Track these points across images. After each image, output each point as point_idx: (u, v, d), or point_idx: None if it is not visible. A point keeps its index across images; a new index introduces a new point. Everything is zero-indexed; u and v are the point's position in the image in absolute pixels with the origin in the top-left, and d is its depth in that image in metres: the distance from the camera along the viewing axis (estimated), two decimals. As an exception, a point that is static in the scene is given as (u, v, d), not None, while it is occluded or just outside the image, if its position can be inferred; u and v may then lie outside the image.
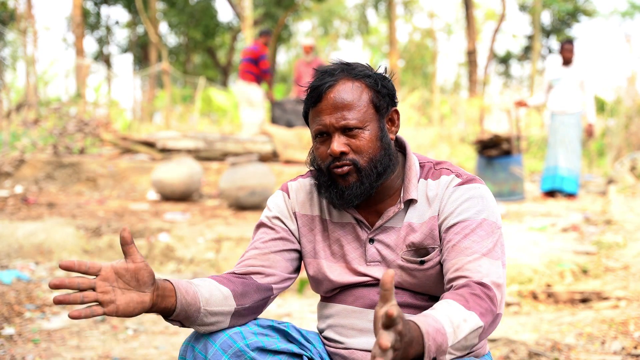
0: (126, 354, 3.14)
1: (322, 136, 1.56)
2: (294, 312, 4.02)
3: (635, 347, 2.87)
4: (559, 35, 25.23)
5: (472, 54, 20.84)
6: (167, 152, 8.56)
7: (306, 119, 1.61)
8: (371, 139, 1.53)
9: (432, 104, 17.15)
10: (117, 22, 27.25)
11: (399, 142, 1.66)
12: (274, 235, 1.66)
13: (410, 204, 1.60)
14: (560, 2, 23.21)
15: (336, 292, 1.65)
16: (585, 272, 4.40)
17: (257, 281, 1.62)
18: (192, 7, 23.74)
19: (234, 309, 1.55)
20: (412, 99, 16.35)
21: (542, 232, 5.49)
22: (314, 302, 4.21)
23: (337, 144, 1.52)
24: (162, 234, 5.38)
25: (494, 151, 7.73)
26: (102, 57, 26.34)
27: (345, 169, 1.53)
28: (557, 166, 7.55)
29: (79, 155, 8.94)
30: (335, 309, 1.65)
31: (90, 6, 24.93)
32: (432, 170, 1.62)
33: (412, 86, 22.32)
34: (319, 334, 1.71)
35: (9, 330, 3.37)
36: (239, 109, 10.94)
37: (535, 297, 4.09)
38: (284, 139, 9.02)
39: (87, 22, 24.60)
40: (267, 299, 1.63)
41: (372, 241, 1.61)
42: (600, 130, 12.55)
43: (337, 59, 1.63)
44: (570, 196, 7.55)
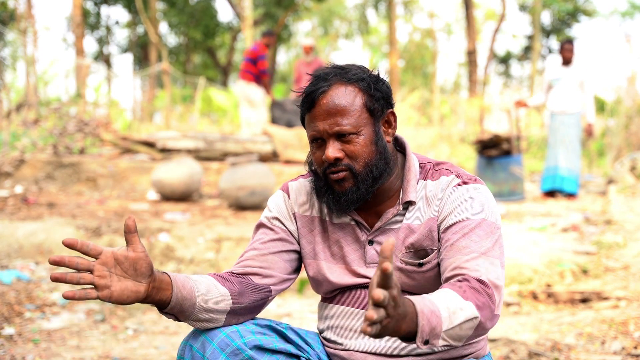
0: (126, 354, 3.14)
1: (317, 141, 1.56)
2: (294, 312, 4.02)
3: (635, 347, 2.87)
4: (559, 35, 25.23)
5: (472, 54, 20.84)
6: (167, 152, 8.56)
7: (303, 123, 1.61)
8: (366, 143, 1.53)
9: (432, 104, 17.15)
10: (117, 22, 27.25)
11: (399, 142, 1.65)
12: (273, 236, 1.66)
13: (409, 205, 1.59)
14: (560, 2, 23.21)
15: (336, 294, 1.65)
16: (585, 272, 4.40)
17: (255, 282, 1.62)
18: (192, 7, 23.74)
19: (229, 307, 1.55)
20: (412, 99, 16.35)
21: (542, 232, 5.49)
22: (314, 302, 4.21)
23: (332, 149, 1.52)
24: (162, 234, 5.39)
25: (494, 151, 7.73)
26: (102, 57, 26.34)
27: (341, 175, 1.53)
28: (557, 166, 7.55)
29: (79, 155, 8.94)
30: (334, 310, 1.65)
31: (90, 6, 24.93)
32: (432, 170, 1.61)
33: (412, 86, 22.32)
34: (318, 335, 1.71)
35: (9, 330, 3.37)
36: (238, 109, 10.95)
37: (535, 297, 4.08)
38: (284, 139, 9.01)
39: (87, 22, 24.60)
40: (265, 299, 1.63)
41: (372, 243, 1.61)
42: (600, 130, 12.55)
43: (331, 62, 1.62)
44: (570, 196, 7.55)
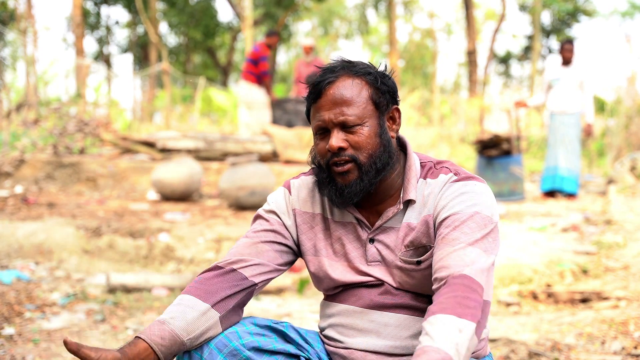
0: None
1: (322, 132, 1.56)
2: (294, 312, 4.02)
3: (635, 347, 2.87)
4: (559, 35, 25.23)
5: (472, 54, 20.84)
6: (167, 152, 8.56)
7: (308, 117, 1.61)
8: (370, 135, 1.53)
9: (432, 104, 17.15)
10: (117, 22, 27.24)
11: (400, 142, 1.65)
12: (267, 226, 1.66)
13: (409, 204, 1.59)
14: (560, 2, 23.20)
15: (338, 292, 1.65)
16: (585, 272, 4.40)
17: (242, 273, 1.60)
18: (192, 7, 23.74)
19: (218, 317, 1.55)
20: (412, 99, 16.34)
21: (542, 232, 5.49)
22: (314, 302, 4.21)
23: (336, 139, 1.52)
24: (162, 234, 5.38)
25: (494, 151, 7.74)
26: (102, 57, 26.33)
27: (345, 167, 1.53)
28: (557, 166, 7.55)
29: (79, 155, 8.94)
30: (336, 308, 1.65)
31: (90, 6, 24.93)
32: (432, 169, 1.61)
33: (412, 86, 22.31)
34: (318, 334, 1.71)
35: (9, 330, 3.37)
36: (238, 109, 10.96)
37: (535, 297, 4.08)
38: (284, 139, 9.01)
39: (87, 22, 24.60)
40: (251, 293, 1.62)
41: (373, 241, 1.61)
42: (600, 130, 12.55)
43: (338, 56, 1.63)
44: (570, 196, 7.55)
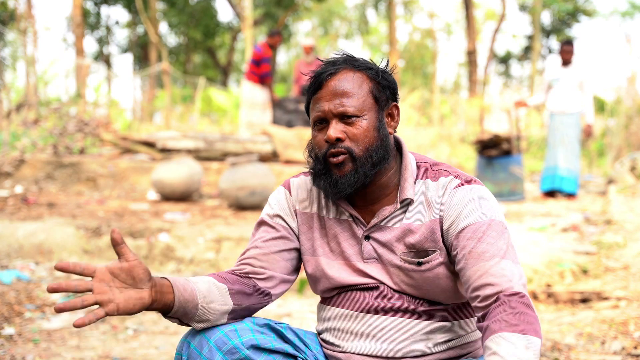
0: (126, 354, 3.14)
1: (321, 124, 1.56)
2: (294, 312, 4.02)
3: (635, 347, 2.87)
4: (559, 35, 25.24)
5: (472, 54, 20.84)
6: (167, 152, 8.56)
7: (307, 111, 1.61)
8: (368, 128, 1.54)
9: (432, 104, 17.15)
10: (117, 22, 27.25)
11: (396, 141, 1.65)
12: (275, 234, 1.66)
13: (408, 204, 1.59)
14: (560, 2, 23.20)
15: (334, 295, 1.65)
16: (585, 272, 4.40)
17: (257, 284, 1.63)
18: (192, 7, 23.75)
19: (231, 307, 1.57)
20: (412, 99, 16.34)
21: (542, 232, 5.49)
22: (314, 302, 4.20)
23: (334, 130, 1.53)
24: (162, 234, 5.38)
25: (494, 151, 7.74)
26: (102, 57, 26.33)
27: (340, 158, 1.53)
28: (556, 166, 7.55)
29: (79, 155, 8.93)
30: (332, 312, 1.65)
31: (90, 6, 24.93)
32: (429, 170, 1.61)
33: (412, 86, 22.31)
34: (317, 336, 1.71)
35: (9, 330, 3.37)
36: (239, 109, 10.95)
37: (535, 297, 4.08)
38: (284, 139, 9.01)
39: (87, 22, 24.60)
40: (266, 303, 1.65)
41: (368, 238, 1.60)
42: (600, 130, 12.56)
43: (341, 50, 1.63)
44: (569, 196, 7.56)
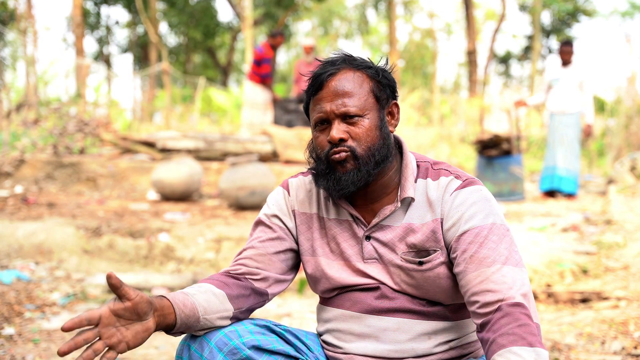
0: (126, 354, 3.14)
1: (322, 124, 1.56)
2: (294, 312, 4.01)
3: (635, 347, 2.86)
4: (559, 35, 25.23)
5: (472, 54, 20.84)
6: (167, 152, 8.55)
7: (307, 112, 1.61)
8: (370, 127, 1.54)
9: (432, 104, 17.15)
10: (117, 22, 27.24)
11: (396, 140, 1.65)
12: (272, 234, 1.66)
13: (409, 203, 1.59)
14: (560, 2, 23.19)
15: (334, 295, 1.65)
16: (585, 272, 4.40)
17: (253, 284, 1.63)
18: (192, 7, 23.74)
19: (232, 312, 1.57)
20: (412, 99, 16.34)
21: (542, 232, 5.49)
22: (314, 302, 4.20)
23: (337, 130, 1.52)
24: (162, 234, 5.38)
25: (494, 151, 7.74)
26: (102, 57, 26.33)
27: (342, 155, 1.52)
28: (555, 166, 7.56)
29: (79, 155, 8.93)
30: (333, 313, 1.65)
31: (90, 6, 24.92)
32: (429, 170, 1.61)
33: (412, 86, 22.30)
34: (318, 337, 1.71)
35: (9, 330, 3.37)
36: (241, 109, 10.96)
37: (535, 297, 4.08)
38: (284, 139, 9.01)
39: (87, 22, 24.59)
40: (263, 302, 1.65)
41: (369, 238, 1.60)
42: (600, 130, 12.56)
43: (339, 50, 1.63)
44: (569, 196, 7.56)
